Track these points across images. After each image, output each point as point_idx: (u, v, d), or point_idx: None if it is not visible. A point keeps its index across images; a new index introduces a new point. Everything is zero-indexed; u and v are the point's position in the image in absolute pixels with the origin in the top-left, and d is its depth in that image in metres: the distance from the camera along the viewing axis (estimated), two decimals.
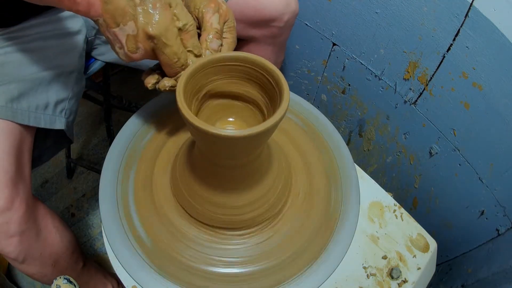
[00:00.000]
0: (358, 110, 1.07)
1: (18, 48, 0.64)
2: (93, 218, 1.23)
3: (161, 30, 0.45)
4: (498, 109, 0.70)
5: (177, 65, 0.48)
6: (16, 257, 0.64)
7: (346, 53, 0.98)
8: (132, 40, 0.46)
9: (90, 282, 0.88)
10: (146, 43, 0.46)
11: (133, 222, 0.56)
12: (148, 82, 0.52)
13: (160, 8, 0.45)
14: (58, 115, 0.68)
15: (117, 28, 0.46)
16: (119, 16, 0.45)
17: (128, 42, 0.46)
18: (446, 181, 0.88)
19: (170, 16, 0.46)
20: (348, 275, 0.59)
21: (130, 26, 0.45)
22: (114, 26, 0.46)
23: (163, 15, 0.45)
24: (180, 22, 0.47)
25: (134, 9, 0.45)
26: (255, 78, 0.47)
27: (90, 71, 0.81)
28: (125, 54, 0.48)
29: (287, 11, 0.76)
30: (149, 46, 0.47)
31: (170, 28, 0.46)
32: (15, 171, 0.60)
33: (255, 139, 0.40)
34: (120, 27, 0.46)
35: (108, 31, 0.47)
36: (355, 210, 0.59)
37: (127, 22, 0.45)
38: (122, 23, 0.45)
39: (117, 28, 0.46)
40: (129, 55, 0.48)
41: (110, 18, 0.45)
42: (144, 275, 0.52)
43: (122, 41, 0.47)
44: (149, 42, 0.46)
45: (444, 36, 0.74)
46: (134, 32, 0.46)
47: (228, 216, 0.53)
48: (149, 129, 0.66)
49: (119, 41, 0.47)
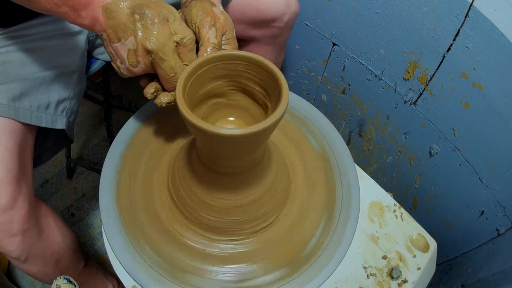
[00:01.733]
0: (358, 110, 1.07)
1: (19, 48, 0.64)
2: (93, 218, 1.23)
3: (159, 45, 0.47)
4: (498, 109, 0.70)
5: (174, 79, 0.50)
6: (18, 256, 0.64)
7: (346, 53, 0.98)
8: (133, 54, 0.48)
9: (91, 282, 0.88)
10: (145, 58, 0.48)
11: (133, 222, 0.56)
12: (147, 92, 0.53)
13: (158, 23, 0.47)
14: (59, 114, 0.68)
15: (119, 43, 0.48)
16: (120, 31, 0.47)
17: (129, 57, 0.49)
18: (446, 181, 0.88)
19: (168, 31, 0.47)
20: (348, 275, 0.59)
21: (131, 41, 0.47)
22: (116, 41, 0.48)
23: (161, 31, 0.47)
24: (178, 36, 0.48)
25: (134, 25, 0.47)
26: (255, 77, 0.47)
27: (91, 71, 0.81)
28: (127, 68, 0.50)
29: (287, 12, 0.76)
30: (148, 60, 0.49)
31: (168, 43, 0.47)
32: (18, 169, 0.60)
33: (254, 138, 0.40)
34: (122, 41, 0.48)
35: (111, 46, 0.49)
36: (355, 210, 0.59)
37: (128, 37, 0.47)
38: (124, 38, 0.47)
39: (119, 43, 0.48)
40: (131, 69, 0.50)
41: (112, 33, 0.48)
42: (144, 275, 0.52)
43: (124, 56, 0.49)
44: (148, 56, 0.48)
45: (444, 36, 0.74)
46: (135, 47, 0.48)
47: (225, 220, 0.53)
48: (149, 129, 0.66)
49: (120, 56, 0.49)
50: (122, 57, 0.49)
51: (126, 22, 0.46)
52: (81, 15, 0.47)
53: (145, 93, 0.53)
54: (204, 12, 0.51)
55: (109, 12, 0.47)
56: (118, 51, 0.49)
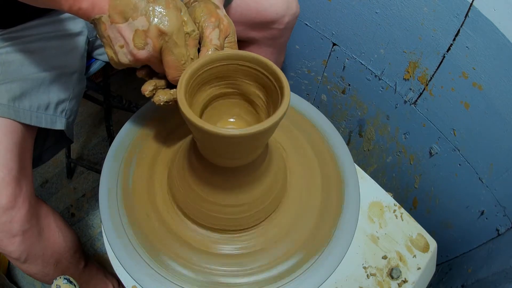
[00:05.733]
0: (358, 110, 1.07)
1: (19, 48, 0.64)
2: (93, 218, 1.23)
3: (174, 29, 0.45)
4: (498, 109, 0.70)
5: (183, 67, 0.48)
6: (19, 256, 0.64)
7: (346, 53, 0.98)
8: (142, 35, 0.45)
9: (91, 282, 0.88)
10: (157, 40, 0.46)
11: (133, 222, 0.56)
12: (145, 89, 0.51)
13: (173, 8, 0.46)
14: (58, 115, 0.68)
15: (125, 23, 0.45)
16: (130, 10, 0.45)
17: (136, 37, 0.46)
18: (446, 181, 0.88)
19: (181, 19, 0.46)
20: (348, 275, 0.59)
21: (140, 21, 0.45)
22: (122, 21, 0.45)
23: (175, 15, 0.46)
24: (189, 28, 0.47)
25: (146, 5, 0.45)
26: (256, 78, 0.47)
27: (91, 71, 0.81)
28: (130, 51, 0.47)
29: (287, 14, 0.76)
30: (159, 43, 0.46)
31: (182, 29, 0.46)
32: (18, 169, 0.60)
33: (255, 138, 0.40)
34: (129, 22, 0.45)
35: (110, 29, 0.46)
36: (355, 210, 0.59)
37: (138, 16, 0.45)
38: (132, 18, 0.45)
39: (125, 23, 0.45)
40: (134, 52, 0.47)
41: (118, 13, 0.45)
42: (144, 275, 0.52)
43: (128, 37, 0.46)
44: (160, 39, 0.46)
45: (444, 36, 0.74)
46: (145, 28, 0.45)
47: (225, 216, 0.53)
48: (149, 129, 0.66)
49: (124, 37, 0.46)
50: (126, 39, 0.46)
51: (137, 3, 0.45)
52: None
53: (143, 90, 0.51)
54: (208, 13, 0.50)
55: None
56: (122, 32, 0.46)
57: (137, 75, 0.53)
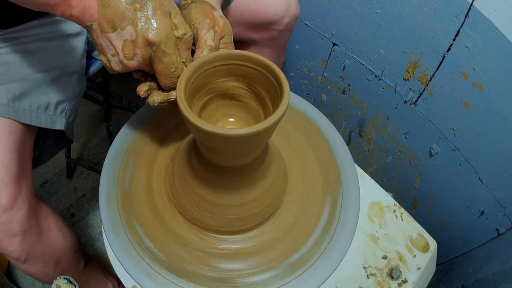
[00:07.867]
0: (358, 110, 1.07)
1: (18, 49, 0.64)
2: (93, 218, 1.23)
3: (162, 37, 0.44)
4: (498, 109, 0.70)
5: (174, 75, 0.47)
6: (18, 256, 0.64)
7: (346, 53, 0.98)
8: (130, 45, 0.45)
9: (91, 282, 0.88)
10: (145, 50, 0.45)
11: (132, 222, 0.56)
12: (140, 90, 0.51)
13: (161, 15, 0.44)
14: (58, 115, 0.68)
15: (114, 33, 0.45)
16: (118, 20, 0.44)
17: (125, 48, 0.45)
18: (446, 181, 0.88)
19: (170, 24, 0.45)
20: (348, 275, 0.59)
21: (129, 31, 0.44)
22: (111, 31, 0.45)
23: (163, 23, 0.45)
24: (179, 31, 0.46)
25: (134, 14, 0.44)
26: (256, 77, 0.47)
27: (90, 71, 0.81)
28: (120, 61, 0.47)
29: (287, 15, 0.76)
30: (147, 53, 0.46)
31: (170, 36, 0.45)
32: (18, 169, 0.60)
33: (255, 138, 0.40)
34: (118, 31, 0.45)
35: (101, 37, 0.46)
36: (355, 210, 0.59)
37: (126, 26, 0.44)
38: (120, 28, 0.44)
39: (114, 33, 0.45)
40: (124, 62, 0.46)
41: (107, 22, 0.44)
42: (144, 275, 0.52)
43: (118, 47, 0.45)
44: (148, 49, 0.45)
45: (444, 36, 0.74)
46: (133, 37, 0.44)
47: (225, 216, 0.53)
48: (149, 129, 0.66)
49: (114, 47, 0.46)
50: (116, 48, 0.46)
51: (124, 11, 0.44)
52: (71, 5, 0.44)
53: (138, 91, 0.51)
54: (203, 14, 0.50)
55: (106, 0, 0.44)
56: (112, 42, 0.45)
57: (133, 75, 0.53)
